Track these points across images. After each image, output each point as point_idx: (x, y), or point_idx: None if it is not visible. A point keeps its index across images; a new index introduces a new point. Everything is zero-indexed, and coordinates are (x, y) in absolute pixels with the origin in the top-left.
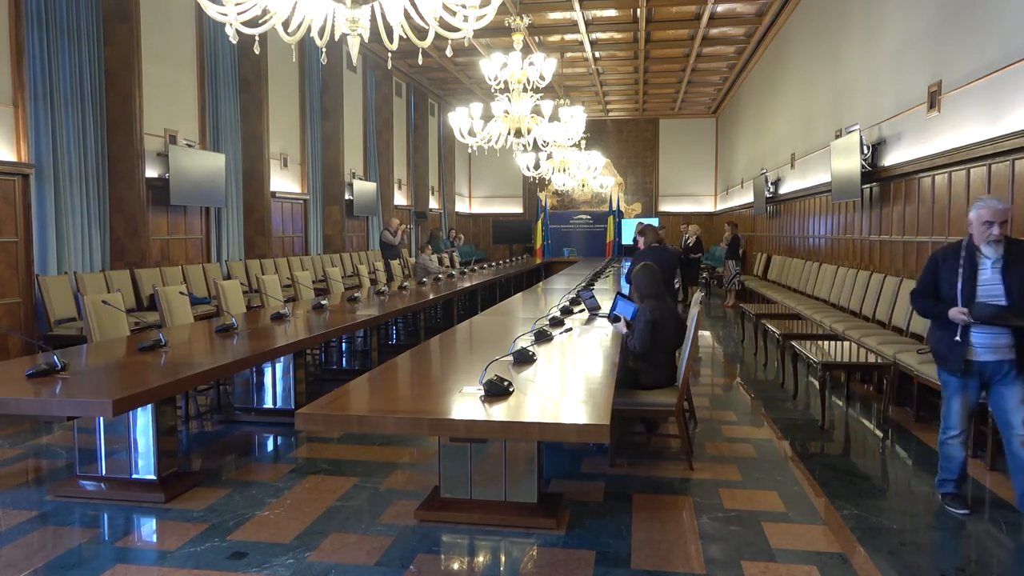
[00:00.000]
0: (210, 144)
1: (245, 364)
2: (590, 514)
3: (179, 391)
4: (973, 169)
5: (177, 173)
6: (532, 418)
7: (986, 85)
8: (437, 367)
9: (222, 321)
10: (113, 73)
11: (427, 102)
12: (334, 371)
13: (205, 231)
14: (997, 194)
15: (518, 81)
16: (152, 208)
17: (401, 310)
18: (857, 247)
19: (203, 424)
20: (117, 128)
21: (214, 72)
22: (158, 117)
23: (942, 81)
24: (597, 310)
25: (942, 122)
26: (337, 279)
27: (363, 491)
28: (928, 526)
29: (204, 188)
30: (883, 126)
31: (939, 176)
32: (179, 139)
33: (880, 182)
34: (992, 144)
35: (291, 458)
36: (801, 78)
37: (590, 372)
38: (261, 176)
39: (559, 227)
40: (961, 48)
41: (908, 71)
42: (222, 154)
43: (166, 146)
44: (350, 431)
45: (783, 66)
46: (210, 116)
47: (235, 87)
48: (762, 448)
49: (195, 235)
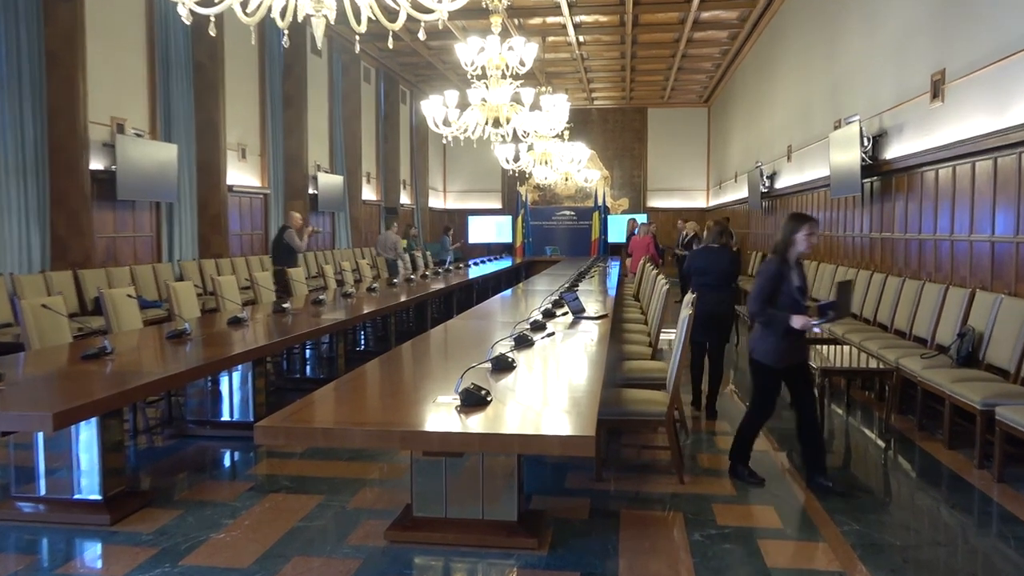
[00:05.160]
0: (161, 134)
1: (199, 373)
2: (574, 532)
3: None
4: (979, 162)
5: (125, 165)
6: (512, 429)
7: (992, 74)
8: (409, 375)
9: (174, 326)
10: (54, 55)
11: (398, 89)
12: (297, 380)
13: (155, 228)
14: (1004, 188)
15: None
16: (97, 203)
17: (370, 313)
18: (857, 245)
19: (153, 439)
20: (58, 115)
21: (166, 55)
22: (104, 104)
23: (946, 69)
24: (581, 313)
25: (946, 112)
26: (300, 280)
27: (328, 510)
28: (933, 542)
29: (154, 181)
30: (884, 116)
31: (943, 170)
32: (127, 128)
33: (881, 176)
34: (999, 136)
35: (250, 475)
36: (798, 65)
37: (574, 380)
38: (217, 168)
39: (541, 224)
40: (966, 34)
41: (910, 58)
42: (174, 144)
43: (113, 135)
44: (314, 445)
45: (779, 52)
46: (161, 103)
47: (189, 72)
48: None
49: (144, 233)
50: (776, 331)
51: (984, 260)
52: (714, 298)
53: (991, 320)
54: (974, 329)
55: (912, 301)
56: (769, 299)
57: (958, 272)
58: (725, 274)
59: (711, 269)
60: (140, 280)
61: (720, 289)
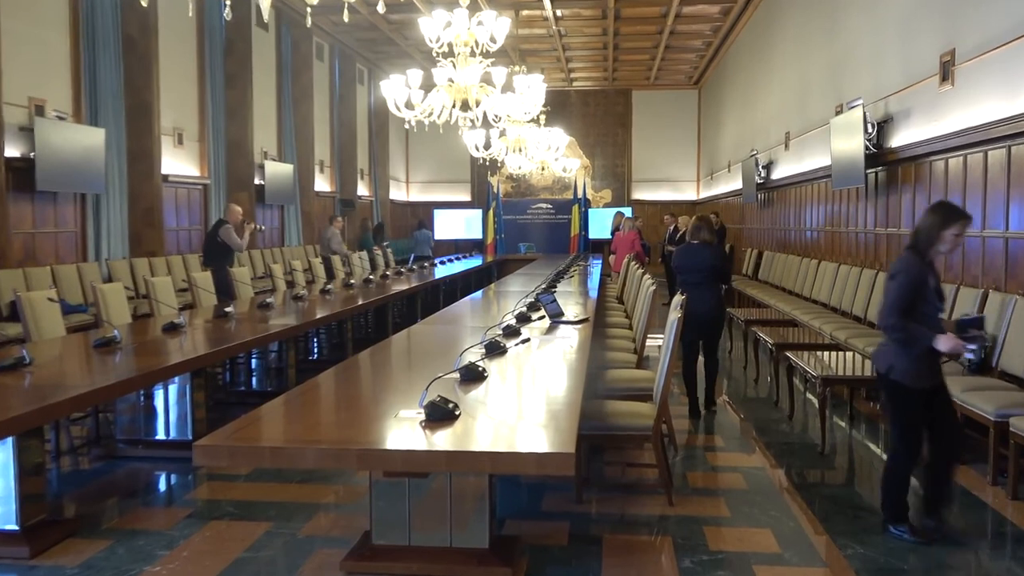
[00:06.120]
0: (87, 117)
1: (131, 386)
2: (552, 560)
3: (48, 420)
4: (991, 151)
5: (45, 152)
6: (483, 447)
7: (1006, 54)
8: (368, 387)
9: (102, 334)
10: None
11: (355, 68)
12: (241, 393)
13: (80, 223)
14: (1018, 180)
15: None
16: (13, 195)
17: (324, 318)
18: (861, 242)
19: (78, 461)
20: None
21: (91, 28)
22: (20, 83)
23: (955, 50)
24: (559, 317)
25: (956, 97)
26: (245, 281)
27: (277, 539)
28: (943, 565)
29: (79, 170)
30: (889, 101)
31: (953, 159)
32: (47, 110)
33: (886, 166)
34: (1012, 123)
35: (188, 500)
36: (796, 44)
37: (552, 391)
38: (151, 156)
39: (514, 218)
40: (977, 11)
41: (917, 38)
42: (102, 129)
43: (31, 119)
44: (261, 466)
45: (775, 29)
46: (87, 82)
47: (118, 47)
48: (753, 478)
49: (68, 228)
50: (917, 349)
51: (997, 258)
52: (696, 295)
53: (1005, 323)
54: (987, 333)
55: None
56: (910, 310)
57: (969, 271)
58: (709, 271)
59: (693, 267)
60: (63, 281)
61: (703, 287)
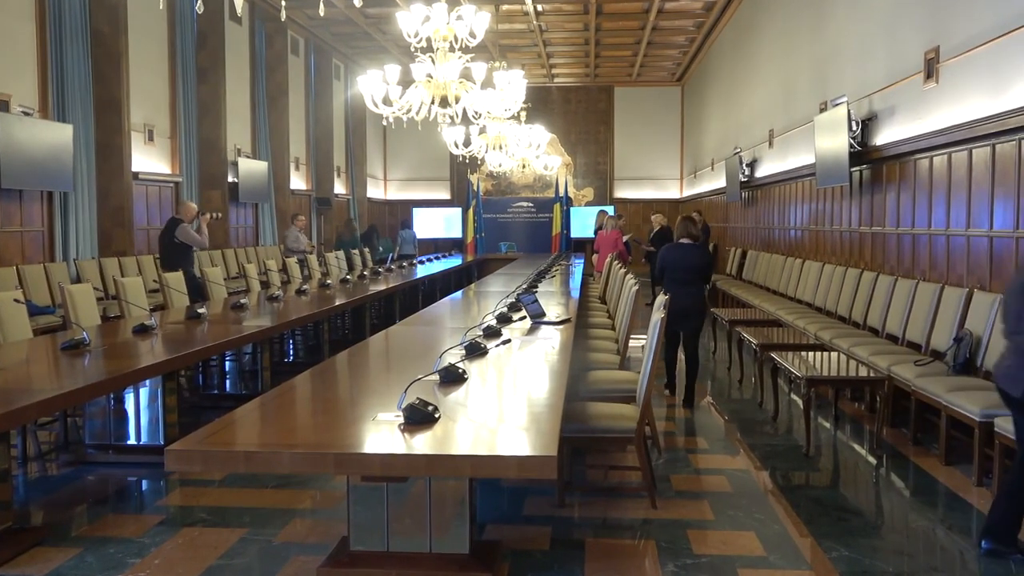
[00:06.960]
0: (54, 112)
1: (100, 390)
2: (534, 565)
3: (14, 425)
4: (975, 149)
5: (10, 148)
6: (463, 450)
7: (990, 52)
8: (345, 390)
9: (70, 336)
10: None
11: (331, 63)
12: (215, 397)
13: (47, 222)
14: (1002, 178)
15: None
16: None
17: (299, 319)
18: (845, 240)
19: (46, 467)
20: None
21: (59, 21)
22: None
23: (940, 47)
24: (541, 317)
25: (941, 94)
26: (219, 282)
27: (252, 546)
28: (929, 568)
29: (46, 168)
30: (874, 98)
31: (937, 157)
32: (12, 105)
33: (871, 164)
34: (996, 121)
35: (160, 507)
36: (780, 40)
37: (533, 393)
38: (120, 153)
39: (495, 217)
40: (962, 8)
41: (902, 34)
42: (70, 125)
43: None
44: (236, 471)
45: (760, 25)
46: (54, 77)
47: (86, 41)
48: (737, 480)
49: (34, 227)
50: None
51: (982, 257)
52: (681, 292)
53: (990, 323)
54: (972, 333)
55: (905, 302)
56: None
57: (954, 270)
58: (695, 270)
59: (681, 265)
60: (29, 282)
61: (688, 284)
